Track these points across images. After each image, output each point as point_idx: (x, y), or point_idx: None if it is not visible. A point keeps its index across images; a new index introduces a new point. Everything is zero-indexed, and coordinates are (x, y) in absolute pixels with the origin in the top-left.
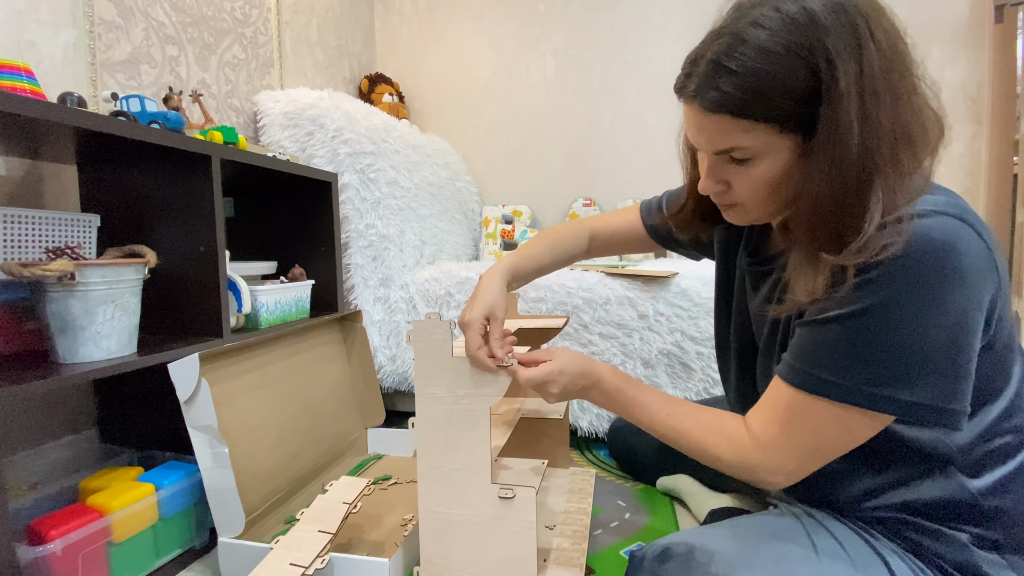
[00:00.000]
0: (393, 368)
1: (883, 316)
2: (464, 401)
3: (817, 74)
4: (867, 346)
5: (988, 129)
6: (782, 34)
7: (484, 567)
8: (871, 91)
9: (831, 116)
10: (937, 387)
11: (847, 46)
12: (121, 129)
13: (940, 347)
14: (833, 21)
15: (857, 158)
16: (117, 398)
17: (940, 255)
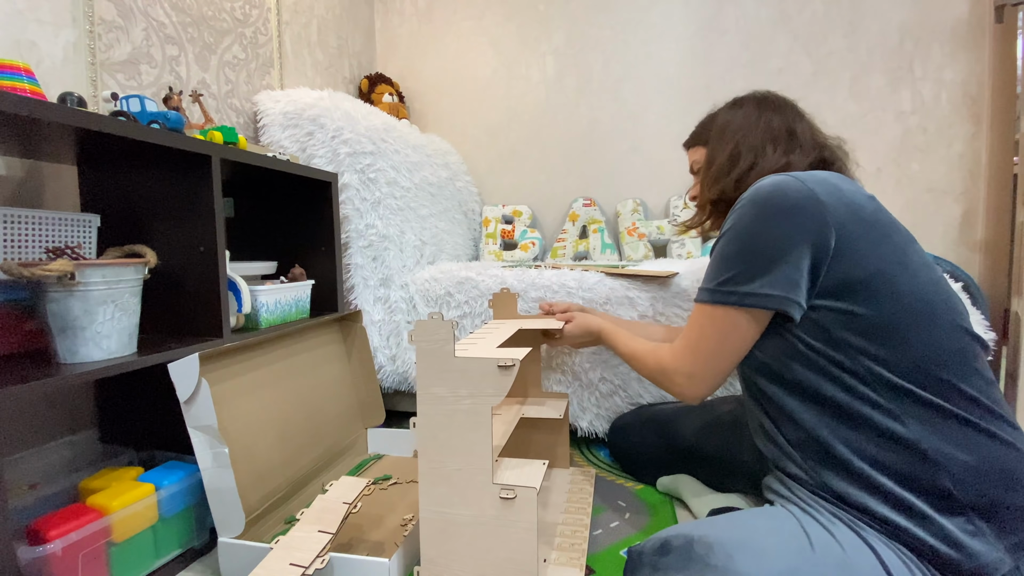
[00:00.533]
0: (393, 368)
1: (730, 235)
2: (466, 401)
3: (712, 120)
4: (721, 258)
5: (988, 129)
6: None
7: (484, 567)
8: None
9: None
10: (768, 280)
11: (729, 107)
12: (121, 129)
13: (768, 253)
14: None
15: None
16: (117, 398)
17: (767, 194)
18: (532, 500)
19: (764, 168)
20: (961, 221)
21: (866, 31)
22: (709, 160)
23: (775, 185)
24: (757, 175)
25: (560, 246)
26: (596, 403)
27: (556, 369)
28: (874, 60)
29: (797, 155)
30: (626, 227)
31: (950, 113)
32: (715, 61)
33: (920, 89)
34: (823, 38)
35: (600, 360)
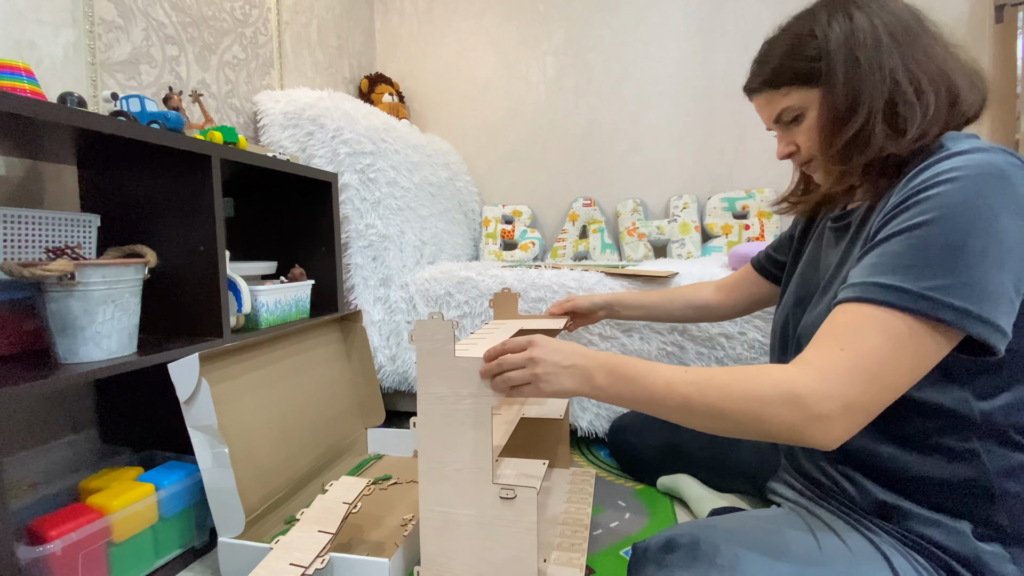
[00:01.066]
0: (393, 368)
1: (946, 224)
2: (466, 401)
3: (815, 40)
4: (932, 252)
5: (988, 129)
6: (790, 25)
7: (485, 567)
8: (861, 45)
9: (832, 63)
10: (994, 303)
11: (836, 18)
12: (121, 129)
13: (998, 263)
14: (823, 9)
15: (851, 91)
16: (117, 398)
17: (995, 182)
18: (532, 499)
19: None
20: None
21: None
22: (852, 100)
23: (1002, 168)
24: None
25: (560, 246)
26: (596, 403)
27: None
28: None
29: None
30: (626, 227)
31: None
32: (715, 61)
33: None
34: None
35: None
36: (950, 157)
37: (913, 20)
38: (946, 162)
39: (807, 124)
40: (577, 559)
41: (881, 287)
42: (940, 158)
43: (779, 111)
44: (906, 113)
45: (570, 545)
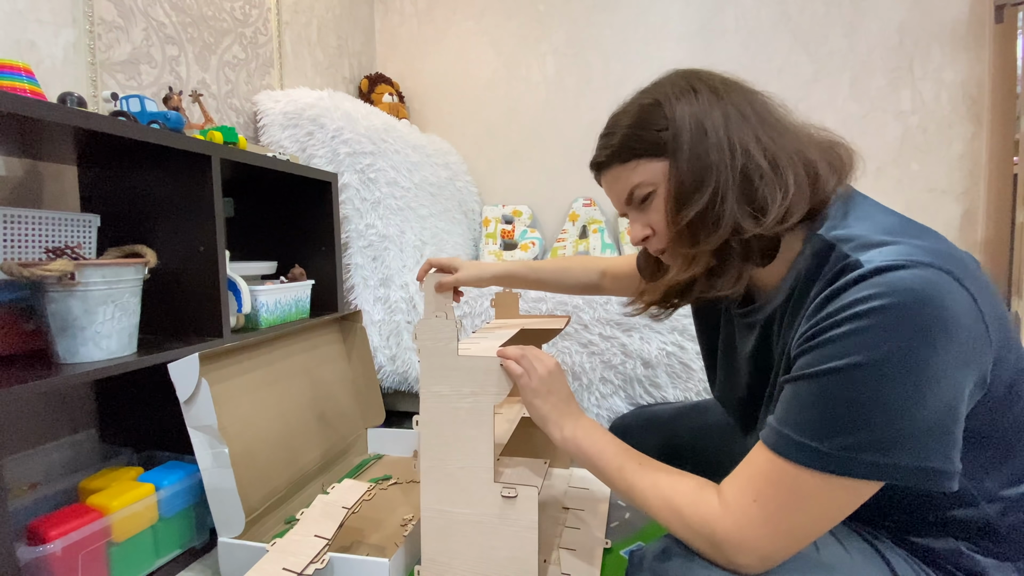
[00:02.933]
0: (393, 368)
1: (859, 375)
2: (468, 400)
3: (661, 109)
4: (842, 407)
5: (988, 129)
6: (635, 99)
7: (485, 566)
8: (708, 115)
9: (675, 133)
10: (917, 447)
11: (683, 90)
12: (121, 129)
13: (919, 406)
14: (670, 80)
15: (697, 163)
16: (117, 398)
17: (920, 311)
18: (533, 499)
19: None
20: (961, 221)
21: (866, 31)
22: (699, 174)
23: (933, 293)
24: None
25: (560, 246)
26: (596, 403)
27: None
28: (874, 60)
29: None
30: (626, 227)
31: (950, 113)
32: (715, 61)
33: (920, 89)
34: (823, 38)
35: (600, 360)
36: (867, 277)
37: (761, 100)
38: (863, 286)
39: (657, 202)
40: (577, 559)
41: (791, 442)
42: (855, 277)
43: (629, 189)
44: (764, 190)
45: (571, 545)
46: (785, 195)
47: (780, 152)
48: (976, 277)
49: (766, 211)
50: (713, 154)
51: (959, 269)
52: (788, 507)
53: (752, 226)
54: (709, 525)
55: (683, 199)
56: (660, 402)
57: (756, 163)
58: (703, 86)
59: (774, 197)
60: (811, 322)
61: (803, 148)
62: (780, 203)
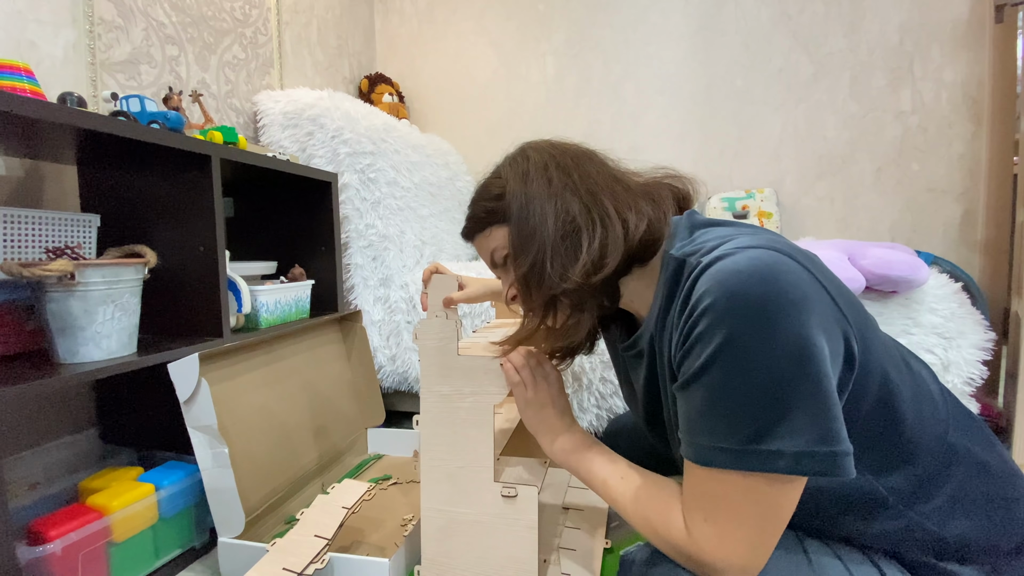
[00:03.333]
0: (393, 368)
1: (726, 364)
2: (469, 399)
3: (500, 182)
4: (728, 399)
5: (988, 129)
6: (484, 179)
7: (485, 566)
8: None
9: (508, 202)
10: (813, 428)
11: (515, 159)
12: (121, 129)
13: (794, 377)
14: (512, 156)
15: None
16: (117, 398)
17: (753, 287)
18: (533, 498)
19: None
20: (961, 221)
21: (866, 31)
22: (525, 235)
23: (756, 268)
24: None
25: None
26: (596, 403)
27: None
28: (874, 60)
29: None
30: None
31: (950, 113)
32: (715, 61)
33: (920, 89)
34: (823, 38)
35: (600, 361)
36: (704, 271)
37: (584, 152)
38: (701, 281)
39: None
40: (577, 560)
41: (704, 448)
42: (695, 275)
43: (490, 253)
44: (578, 247)
45: (571, 544)
46: (591, 247)
47: (599, 207)
48: (815, 261)
49: (575, 265)
50: (535, 219)
51: (789, 248)
52: (732, 516)
53: (567, 281)
54: (682, 550)
55: (516, 258)
56: None
57: (573, 225)
58: (535, 157)
59: (586, 249)
60: (678, 331)
61: (617, 197)
62: (586, 255)
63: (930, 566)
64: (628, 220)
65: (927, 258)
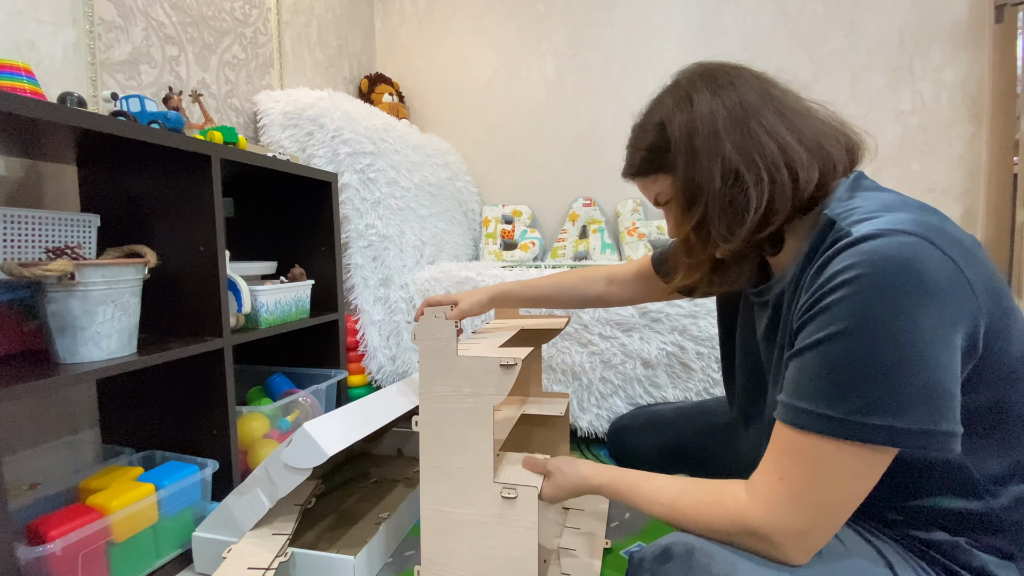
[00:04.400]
0: (393, 368)
1: (853, 338)
2: (468, 399)
3: (663, 129)
4: (845, 371)
5: (988, 129)
6: (648, 112)
7: (485, 566)
8: (698, 133)
9: (674, 155)
10: (924, 408)
11: (680, 105)
12: (121, 129)
13: (917, 365)
14: (671, 94)
15: (690, 182)
16: (117, 398)
17: (899, 274)
18: (533, 499)
19: (802, 186)
20: (961, 221)
21: (866, 31)
22: (691, 191)
23: (905, 256)
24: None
25: (560, 246)
26: (596, 403)
27: (556, 369)
28: (874, 60)
29: (825, 152)
30: (626, 227)
31: (950, 113)
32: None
33: (920, 89)
34: (823, 38)
35: (600, 360)
36: (851, 245)
37: (757, 94)
38: (847, 254)
39: (675, 208)
40: (579, 559)
41: (805, 413)
42: (841, 247)
43: (653, 196)
44: (743, 208)
45: (572, 544)
46: (758, 207)
47: (761, 160)
48: (967, 250)
49: (743, 223)
50: (702, 175)
51: (942, 239)
52: (812, 479)
53: (728, 243)
54: (742, 518)
55: (684, 212)
56: (660, 402)
57: (741, 184)
58: (704, 90)
59: (756, 206)
60: (808, 294)
61: (788, 146)
62: (753, 215)
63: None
64: (799, 174)
65: None
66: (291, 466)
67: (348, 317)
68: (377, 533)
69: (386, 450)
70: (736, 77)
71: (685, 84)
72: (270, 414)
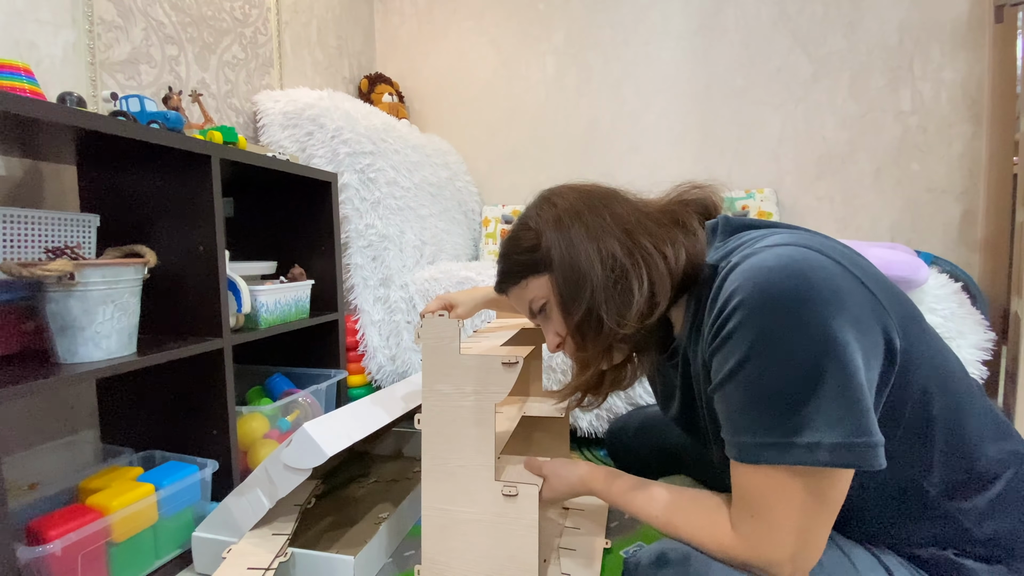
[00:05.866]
0: (393, 368)
1: (761, 359)
2: (471, 398)
3: (532, 232)
4: (764, 394)
5: (988, 129)
6: (513, 226)
7: (486, 565)
8: (567, 226)
9: (546, 250)
10: (848, 420)
11: (543, 207)
12: (121, 129)
13: (825, 370)
14: (536, 205)
15: (570, 270)
16: (117, 398)
17: (783, 282)
18: (534, 497)
19: (671, 261)
20: (961, 221)
21: (866, 31)
22: (573, 280)
23: (784, 264)
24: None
25: None
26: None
27: (556, 369)
28: (874, 60)
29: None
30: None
31: (950, 113)
32: (715, 61)
33: (920, 89)
34: (823, 38)
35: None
36: (732, 270)
37: (606, 192)
38: (731, 279)
39: (553, 311)
40: (579, 559)
41: (748, 446)
42: (724, 275)
43: (527, 303)
44: (627, 290)
45: (572, 544)
46: (640, 288)
47: (638, 247)
48: (851, 257)
49: (631, 306)
50: (582, 265)
51: (824, 245)
52: (781, 509)
53: (626, 326)
54: (732, 552)
55: (567, 307)
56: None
57: (620, 267)
58: (563, 203)
59: (639, 286)
60: (709, 329)
61: (662, 229)
62: (639, 297)
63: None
64: (667, 254)
65: (927, 258)
66: (291, 466)
67: (348, 317)
68: (377, 533)
69: (386, 450)
70: (591, 189)
71: (545, 194)
72: (270, 414)
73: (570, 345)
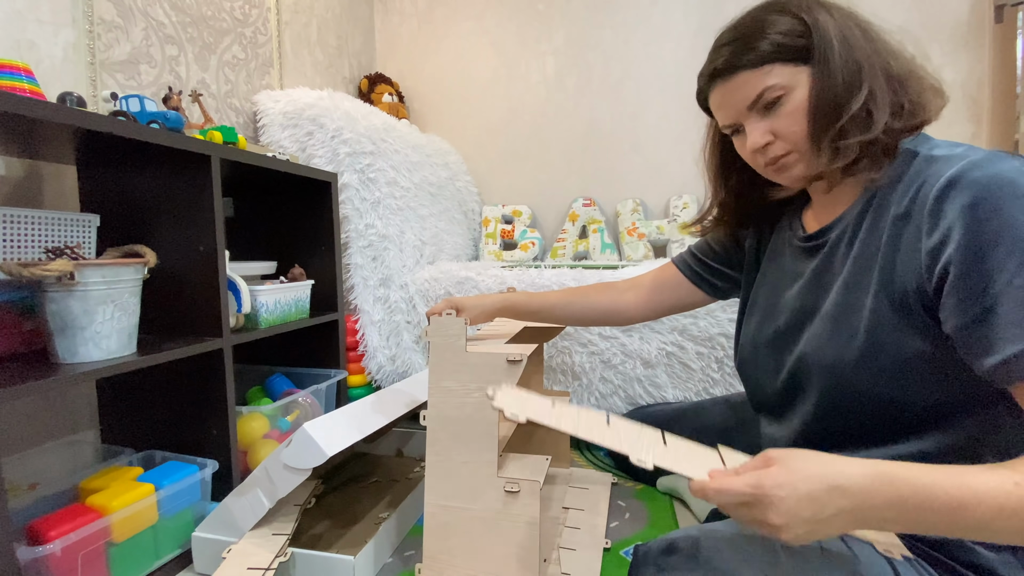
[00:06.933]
0: (393, 368)
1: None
2: (475, 394)
3: (798, 17)
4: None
5: (988, 129)
6: (759, 11)
7: (487, 562)
8: (847, 27)
9: (821, 40)
10: None
11: (813, 4)
12: (121, 129)
13: None
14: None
15: (849, 66)
16: (117, 398)
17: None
18: (535, 494)
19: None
20: None
21: None
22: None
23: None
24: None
25: (560, 246)
26: (596, 403)
27: (556, 369)
28: None
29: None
30: (626, 227)
31: (950, 113)
32: None
33: None
34: None
35: (600, 360)
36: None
37: (875, 27)
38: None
39: (791, 107)
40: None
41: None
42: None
43: (760, 91)
44: (903, 96)
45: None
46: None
47: (899, 66)
48: None
49: (902, 111)
50: (862, 59)
51: None
52: None
53: (898, 121)
54: None
55: (835, 103)
56: (659, 402)
57: (894, 69)
58: (823, 9)
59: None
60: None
61: (917, 69)
62: (909, 105)
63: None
64: (926, 97)
65: None
66: (291, 466)
67: (348, 317)
68: (377, 533)
69: (386, 450)
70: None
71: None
72: (270, 414)
73: (779, 148)
